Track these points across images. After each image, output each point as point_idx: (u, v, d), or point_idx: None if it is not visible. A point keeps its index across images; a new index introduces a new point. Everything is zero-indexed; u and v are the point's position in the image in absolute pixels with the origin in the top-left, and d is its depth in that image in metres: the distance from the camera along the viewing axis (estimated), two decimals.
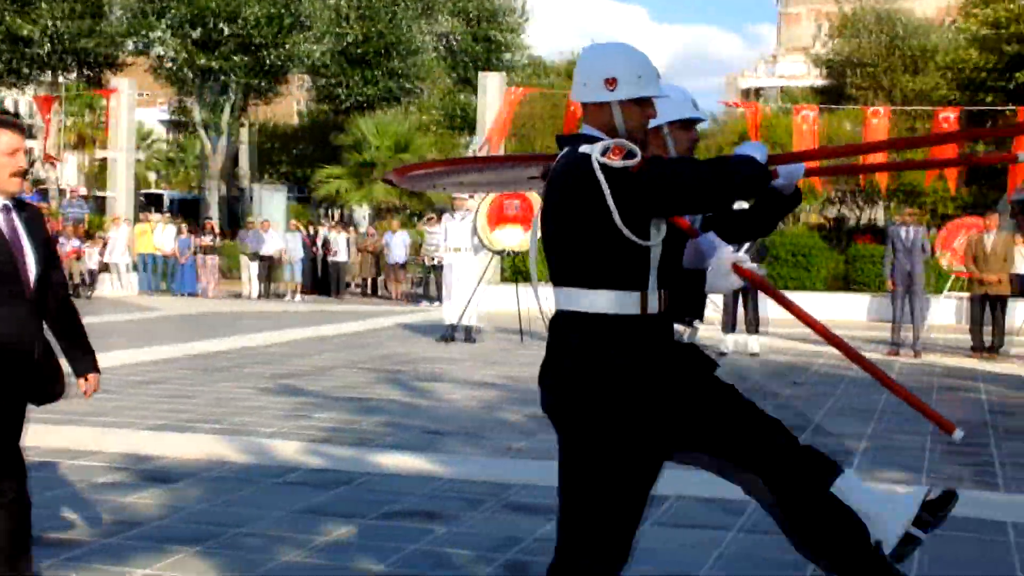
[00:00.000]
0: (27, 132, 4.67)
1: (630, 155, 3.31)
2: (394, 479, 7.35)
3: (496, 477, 7.44)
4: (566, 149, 3.52)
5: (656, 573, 5.45)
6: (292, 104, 57.43)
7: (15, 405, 4.43)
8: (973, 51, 26.23)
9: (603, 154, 3.32)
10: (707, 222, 4.10)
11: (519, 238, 16.42)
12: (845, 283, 23.74)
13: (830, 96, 40.47)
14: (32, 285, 4.41)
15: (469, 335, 16.39)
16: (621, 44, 3.72)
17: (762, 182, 3.50)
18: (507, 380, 12.59)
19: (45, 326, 4.56)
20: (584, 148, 3.41)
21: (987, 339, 16.16)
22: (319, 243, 28.77)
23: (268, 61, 37.94)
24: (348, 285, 29.75)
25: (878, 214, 39.56)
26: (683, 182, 3.39)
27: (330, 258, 28.27)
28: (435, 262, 23.85)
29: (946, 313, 20.90)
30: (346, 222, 36.37)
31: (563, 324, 3.48)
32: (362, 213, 38.79)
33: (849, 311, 22.33)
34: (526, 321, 16.69)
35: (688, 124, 4.12)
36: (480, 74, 24.51)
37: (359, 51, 40.29)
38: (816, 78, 45.85)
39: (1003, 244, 16.10)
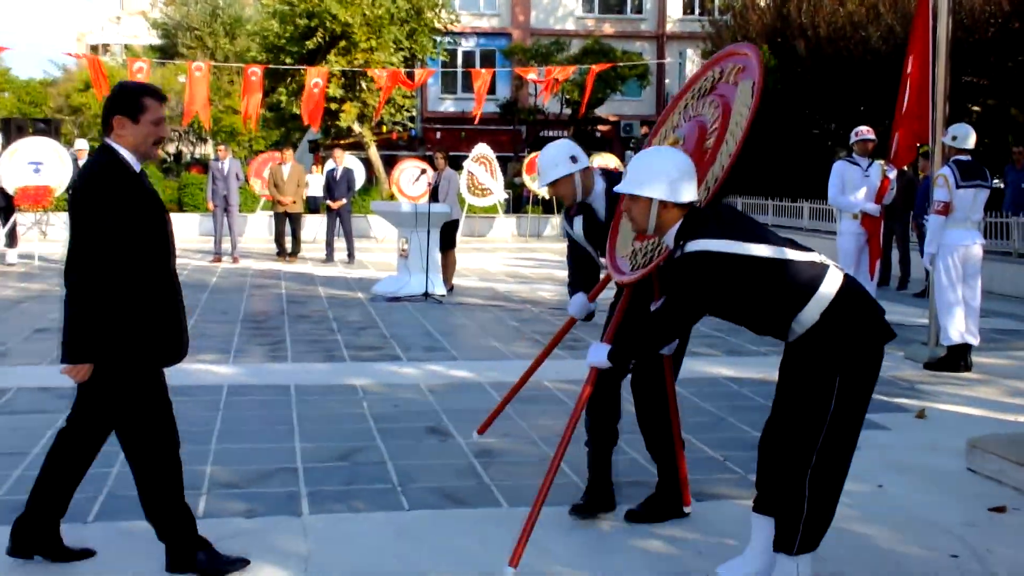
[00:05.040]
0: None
1: None
2: None
3: None
4: None
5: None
6: None
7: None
8: (275, 22, 26.33)
9: None
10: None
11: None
12: (179, 206, 22.37)
13: (165, 53, 38.80)
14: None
15: None
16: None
17: None
18: None
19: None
20: None
21: (288, 247, 16.50)
22: None
23: None
24: None
25: (208, 150, 38.87)
26: None
27: None
28: None
29: (259, 227, 21.10)
30: None
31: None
32: None
33: (182, 230, 20.25)
34: None
35: None
36: None
37: None
38: (155, 37, 43.62)
39: (296, 173, 16.44)
